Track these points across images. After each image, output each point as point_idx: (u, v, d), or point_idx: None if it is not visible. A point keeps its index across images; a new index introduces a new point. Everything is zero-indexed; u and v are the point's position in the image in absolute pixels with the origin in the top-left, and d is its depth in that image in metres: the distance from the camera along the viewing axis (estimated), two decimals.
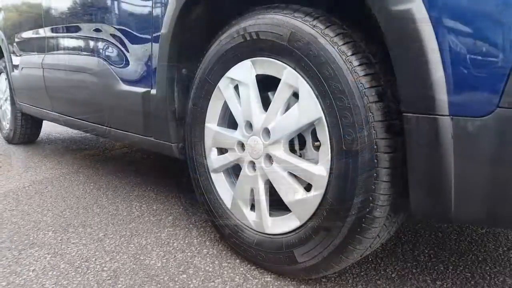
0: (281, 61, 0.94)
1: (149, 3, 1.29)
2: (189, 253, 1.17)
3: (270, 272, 1.06)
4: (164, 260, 1.13)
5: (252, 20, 0.99)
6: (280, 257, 0.99)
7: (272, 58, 0.95)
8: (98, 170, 2.23)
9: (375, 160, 0.78)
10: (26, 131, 3.08)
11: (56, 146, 3.04)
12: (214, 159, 1.18)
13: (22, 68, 2.55)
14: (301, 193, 0.94)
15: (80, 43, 1.76)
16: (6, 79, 3.12)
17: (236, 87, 1.08)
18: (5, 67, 3.06)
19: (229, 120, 1.15)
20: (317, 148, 0.91)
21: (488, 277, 1.05)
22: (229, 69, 1.07)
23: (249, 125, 1.05)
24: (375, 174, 0.78)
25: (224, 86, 1.10)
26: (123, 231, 1.34)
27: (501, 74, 0.64)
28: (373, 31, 0.78)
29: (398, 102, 0.74)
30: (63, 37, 1.93)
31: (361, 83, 0.79)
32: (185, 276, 1.04)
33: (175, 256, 1.15)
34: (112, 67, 1.53)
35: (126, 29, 1.43)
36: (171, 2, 1.18)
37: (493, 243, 1.27)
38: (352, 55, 0.81)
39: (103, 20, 1.57)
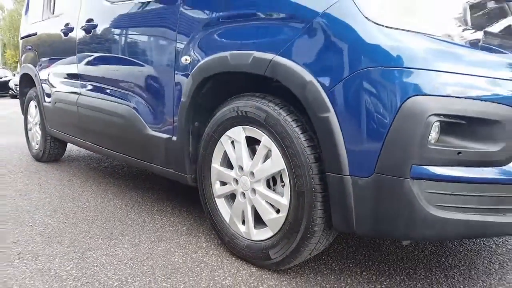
0: (261, 131, 1.48)
1: (171, 82, 1.82)
2: (200, 254, 1.71)
3: (255, 265, 1.59)
4: (184, 258, 1.66)
5: (242, 102, 1.53)
6: (261, 255, 1.53)
7: (255, 128, 1.50)
8: (121, 187, 2.76)
9: (314, 197, 1.32)
10: (54, 151, 3.62)
11: (80, 164, 3.57)
12: (217, 189, 1.71)
13: (56, 102, 3.09)
14: (273, 215, 1.48)
15: (116, 93, 2.29)
16: (36, 106, 3.66)
17: (232, 142, 1.62)
18: (36, 96, 3.59)
19: (228, 162, 1.69)
20: (283, 186, 1.45)
21: (398, 270, 1.59)
22: (227, 130, 1.61)
23: (241, 168, 1.59)
24: (313, 205, 1.32)
25: (224, 141, 1.64)
26: (152, 238, 1.87)
27: (374, 152, 1.17)
28: None
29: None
30: (98, 87, 2.46)
31: (305, 151, 1.33)
32: (199, 268, 1.57)
33: (191, 256, 1.69)
34: (142, 116, 2.06)
35: (153, 95, 1.97)
36: (188, 80, 1.72)
37: (413, 247, 1.81)
38: (301, 133, 1.35)
39: (135, 81, 2.10)
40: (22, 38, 3.95)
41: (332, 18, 1.23)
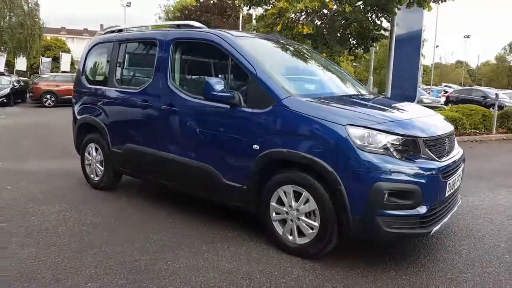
0: (302, 189, 2.96)
1: (244, 157, 3.24)
2: (268, 251, 3.14)
3: (299, 256, 3.06)
4: (260, 254, 3.09)
5: (293, 174, 3.00)
6: (302, 251, 3.01)
7: (299, 187, 2.98)
8: (185, 212, 4.07)
9: (332, 223, 2.82)
10: (112, 181, 4.84)
11: (137, 191, 4.81)
12: (273, 216, 3.18)
13: (128, 150, 4.33)
14: (310, 231, 2.97)
15: (193, 154, 3.64)
16: (96, 148, 4.84)
17: (284, 192, 3.08)
18: (98, 142, 4.78)
19: (280, 201, 3.14)
20: (315, 216, 2.94)
21: (364, 256, 3.14)
22: (282, 186, 3.08)
23: (290, 206, 3.06)
24: (332, 227, 2.82)
25: (279, 191, 3.10)
26: (235, 245, 3.27)
27: (362, 205, 2.69)
28: None
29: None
30: (177, 148, 3.79)
31: (327, 200, 2.82)
32: (271, 259, 3.02)
33: (262, 253, 3.12)
34: (219, 171, 3.45)
35: (231, 161, 3.37)
36: (256, 159, 3.14)
37: (377, 247, 3.37)
38: (325, 192, 2.84)
39: (214, 151, 3.49)
40: (79, 92, 5.10)
41: (340, 144, 2.74)
